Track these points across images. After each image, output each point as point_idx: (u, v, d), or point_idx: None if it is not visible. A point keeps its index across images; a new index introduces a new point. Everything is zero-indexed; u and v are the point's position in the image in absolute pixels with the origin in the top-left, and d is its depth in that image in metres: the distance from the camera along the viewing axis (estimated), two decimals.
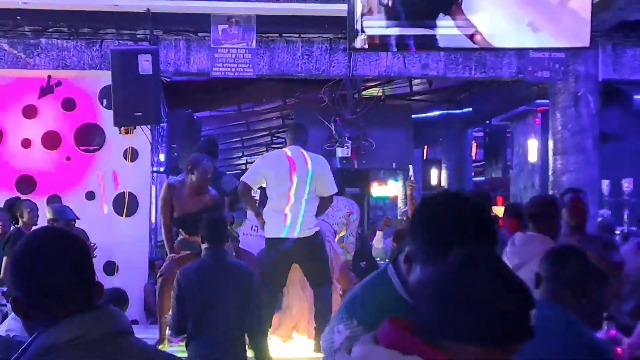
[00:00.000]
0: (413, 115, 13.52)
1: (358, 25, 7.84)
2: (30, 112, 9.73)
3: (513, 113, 14.88)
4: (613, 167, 12.14)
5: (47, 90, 9.75)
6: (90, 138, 9.76)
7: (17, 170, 9.70)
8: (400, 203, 18.06)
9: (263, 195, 9.80)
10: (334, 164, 11.89)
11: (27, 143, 9.72)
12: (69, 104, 9.76)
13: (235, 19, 9.13)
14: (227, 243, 6.09)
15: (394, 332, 1.75)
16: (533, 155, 14.76)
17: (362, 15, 7.82)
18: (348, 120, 11.53)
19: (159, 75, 8.98)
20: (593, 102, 9.88)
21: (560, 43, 8.14)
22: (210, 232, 5.89)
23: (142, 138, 9.50)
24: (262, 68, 9.60)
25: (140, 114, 8.68)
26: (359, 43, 7.93)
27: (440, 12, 7.80)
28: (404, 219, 8.72)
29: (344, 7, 7.92)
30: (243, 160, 22.48)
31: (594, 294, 3.56)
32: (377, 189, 21.17)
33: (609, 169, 11.75)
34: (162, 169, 11.15)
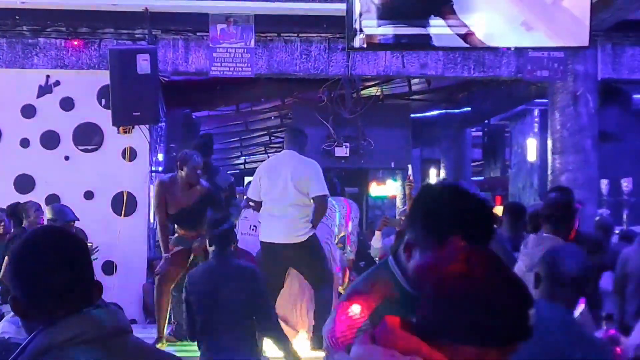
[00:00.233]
0: (412, 115, 13.52)
1: (357, 25, 7.84)
2: (29, 111, 9.73)
3: (512, 112, 14.87)
4: (612, 166, 12.14)
5: (45, 90, 9.74)
6: (89, 137, 9.75)
7: (15, 170, 9.69)
8: (399, 203, 18.04)
9: None
10: (333, 164, 11.88)
11: (25, 142, 9.71)
12: (68, 104, 9.75)
13: (234, 19, 9.13)
14: (233, 244, 6.06)
15: (392, 331, 1.74)
16: (532, 155, 14.75)
17: (360, 15, 7.82)
18: (347, 120, 11.52)
19: (158, 75, 8.98)
20: (592, 101, 9.88)
21: (557, 42, 8.14)
22: (218, 235, 5.87)
23: (140, 138, 9.49)
24: (260, 67, 9.59)
25: (139, 114, 8.69)
26: (358, 42, 7.93)
27: (440, 11, 7.81)
28: (403, 219, 8.69)
29: (343, 6, 7.92)
30: (241, 160, 22.49)
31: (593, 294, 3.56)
32: (375, 189, 21.14)
33: (608, 169, 11.75)
34: (160, 169, 11.14)
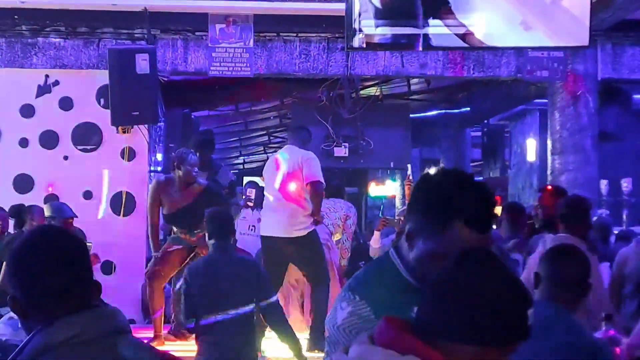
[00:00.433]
0: (411, 115, 13.52)
1: (356, 25, 7.84)
2: (28, 111, 9.72)
3: (511, 112, 14.87)
4: (612, 166, 12.13)
5: (44, 90, 9.73)
6: (88, 137, 9.75)
7: (14, 170, 9.68)
8: (398, 203, 18.03)
9: (259, 195, 9.80)
10: (332, 164, 11.88)
11: (24, 142, 9.71)
12: (67, 103, 9.74)
13: (233, 18, 9.13)
14: (233, 237, 6.06)
15: (391, 331, 1.74)
16: (531, 155, 14.74)
17: (359, 15, 7.81)
18: (346, 120, 11.51)
19: (157, 75, 8.99)
20: (592, 101, 9.87)
21: (556, 42, 8.13)
22: (216, 227, 5.88)
23: (139, 137, 9.49)
24: (259, 67, 9.59)
25: (138, 113, 8.69)
26: (357, 42, 7.93)
27: (439, 12, 7.80)
28: (402, 219, 8.68)
29: (342, 6, 7.91)
30: (240, 160, 22.47)
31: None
32: (374, 189, 21.15)
33: (608, 169, 11.74)
34: (159, 169, 11.14)
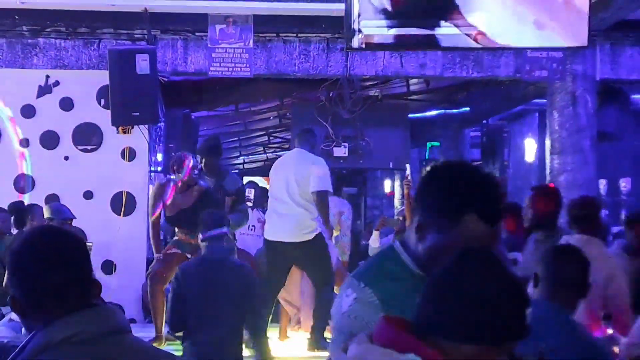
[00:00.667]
0: (410, 115, 13.50)
1: (355, 25, 7.84)
2: (29, 111, 9.72)
3: (510, 113, 14.85)
4: (610, 166, 12.14)
5: (45, 90, 9.73)
6: (88, 137, 9.75)
7: (15, 170, 9.68)
8: (397, 203, 18.02)
9: (259, 195, 9.81)
10: (331, 164, 11.86)
11: (25, 142, 9.71)
12: (67, 104, 9.74)
13: (233, 19, 9.13)
14: (226, 240, 6.07)
15: (390, 331, 1.75)
16: (530, 155, 14.73)
17: (359, 15, 7.81)
18: (345, 120, 11.50)
19: (157, 75, 8.97)
20: (591, 101, 9.87)
21: (563, 41, 8.04)
22: (208, 227, 5.88)
23: (139, 138, 9.48)
24: (259, 68, 9.59)
25: (138, 114, 8.68)
26: (356, 43, 7.93)
27: (441, 11, 7.80)
28: (401, 219, 8.69)
29: (341, 6, 7.91)
30: (240, 160, 22.46)
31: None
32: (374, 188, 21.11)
33: (607, 169, 11.75)
34: (159, 169, 11.13)
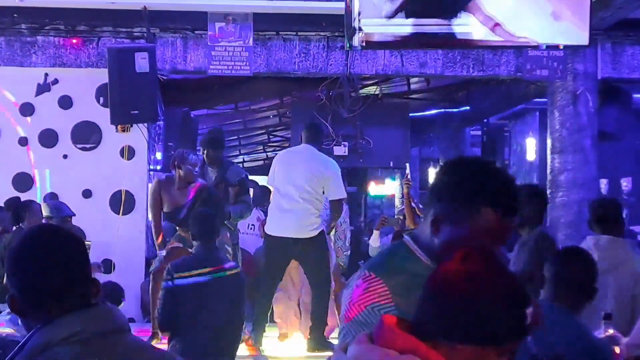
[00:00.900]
0: (410, 114, 13.50)
1: (355, 24, 7.82)
2: (27, 109, 9.71)
3: (511, 112, 14.85)
4: (611, 166, 12.11)
5: (44, 88, 9.73)
6: (87, 136, 9.75)
7: (14, 168, 9.67)
8: (397, 202, 18.02)
9: (258, 194, 9.80)
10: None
11: (24, 141, 9.70)
12: (66, 102, 9.74)
13: (232, 17, 9.11)
14: (218, 238, 6.06)
15: (390, 331, 1.73)
16: (531, 154, 14.73)
17: (359, 14, 7.80)
18: (345, 119, 11.50)
19: (156, 73, 8.97)
20: (592, 100, 9.86)
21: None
22: (200, 228, 5.87)
23: (138, 136, 9.48)
24: (259, 66, 9.58)
25: (137, 112, 8.68)
26: (357, 41, 7.90)
27: (441, 10, 7.79)
28: (400, 218, 8.68)
29: (342, 5, 7.89)
30: (240, 159, 22.48)
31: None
32: (374, 188, 21.14)
33: (608, 168, 11.73)
34: (158, 167, 11.13)
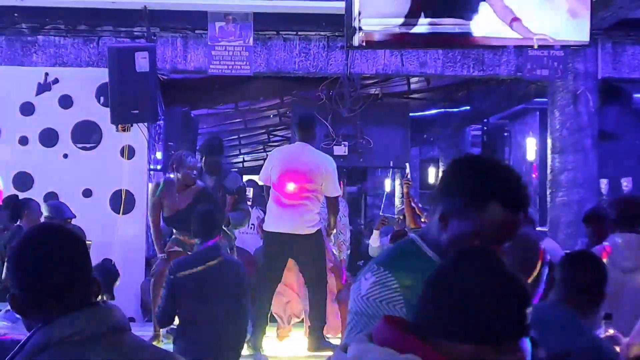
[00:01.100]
0: (411, 114, 13.50)
1: (356, 23, 7.83)
2: (28, 109, 9.71)
3: (511, 111, 14.86)
4: (612, 165, 12.12)
5: (44, 88, 9.72)
6: (88, 135, 9.75)
7: (14, 168, 9.67)
8: (397, 202, 18.03)
9: (258, 194, 9.79)
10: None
11: (24, 140, 9.70)
12: (66, 101, 9.73)
13: (233, 17, 9.11)
14: (219, 236, 6.06)
15: (390, 330, 1.73)
16: (531, 154, 14.74)
17: (359, 13, 7.80)
18: (345, 119, 11.50)
19: (156, 73, 8.97)
20: (592, 100, 9.86)
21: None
22: (200, 226, 5.88)
23: (139, 136, 9.47)
24: (259, 66, 9.58)
25: (137, 112, 8.67)
26: (357, 41, 7.91)
27: (443, 10, 7.79)
28: (400, 218, 8.68)
29: (342, 4, 7.91)
30: (240, 159, 22.50)
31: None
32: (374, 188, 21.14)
33: (608, 168, 11.73)
34: (159, 167, 11.13)
